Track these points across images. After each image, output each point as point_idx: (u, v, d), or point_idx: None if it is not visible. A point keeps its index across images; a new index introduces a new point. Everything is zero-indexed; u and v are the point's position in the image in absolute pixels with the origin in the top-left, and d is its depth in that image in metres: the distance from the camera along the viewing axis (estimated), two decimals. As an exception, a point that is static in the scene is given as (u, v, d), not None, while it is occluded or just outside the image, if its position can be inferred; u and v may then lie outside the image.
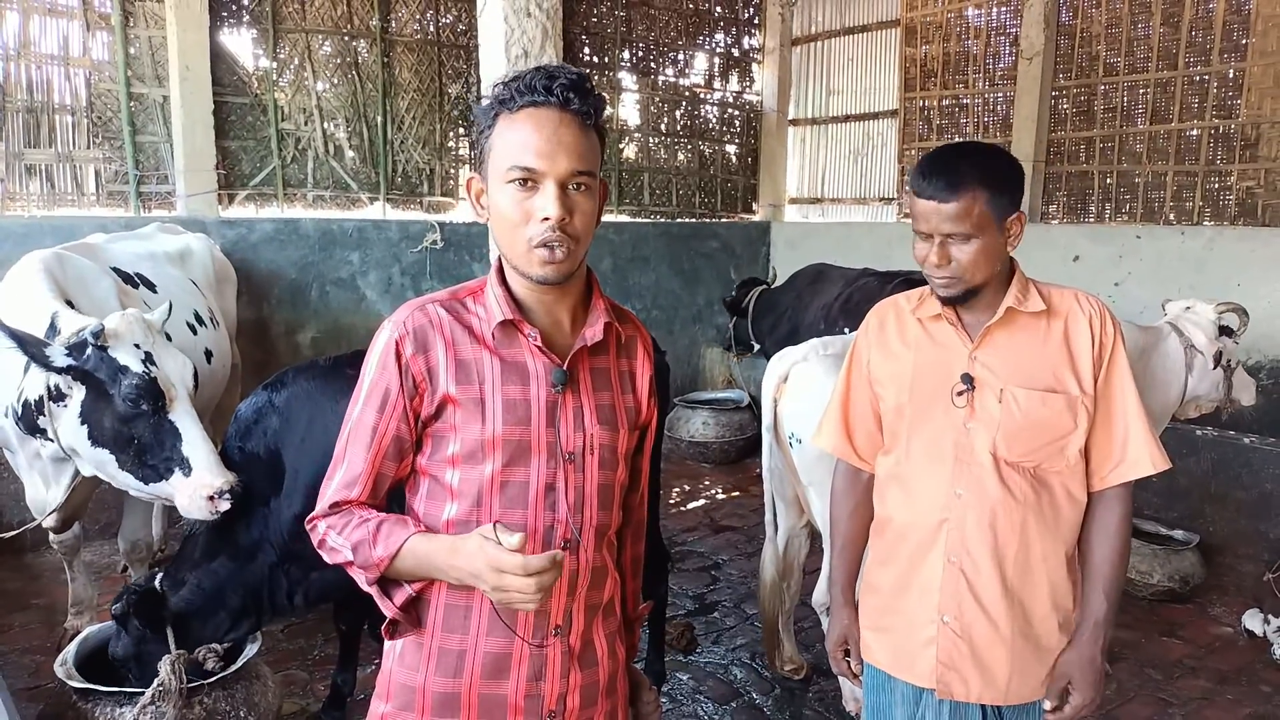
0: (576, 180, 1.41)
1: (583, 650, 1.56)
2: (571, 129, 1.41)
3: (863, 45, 8.56)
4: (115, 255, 4.11)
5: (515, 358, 1.49)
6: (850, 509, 2.16)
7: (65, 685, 2.65)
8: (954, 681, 1.91)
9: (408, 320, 1.49)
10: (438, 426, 1.49)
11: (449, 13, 7.04)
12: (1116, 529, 1.91)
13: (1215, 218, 6.28)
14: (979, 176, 1.78)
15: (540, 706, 1.51)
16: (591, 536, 1.53)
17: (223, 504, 2.69)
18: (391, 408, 1.48)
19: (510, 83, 1.44)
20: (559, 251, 1.40)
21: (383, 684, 1.58)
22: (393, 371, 1.47)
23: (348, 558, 1.45)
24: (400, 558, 1.42)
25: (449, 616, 1.50)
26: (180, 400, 2.82)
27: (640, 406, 1.63)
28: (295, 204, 6.56)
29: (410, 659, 1.53)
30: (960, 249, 1.80)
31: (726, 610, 4.55)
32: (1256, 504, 5.15)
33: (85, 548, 4.04)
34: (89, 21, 5.70)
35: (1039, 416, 1.85)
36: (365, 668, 3.70)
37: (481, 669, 1.49)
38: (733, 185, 9.04)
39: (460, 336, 1.49)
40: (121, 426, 2.77)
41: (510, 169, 1.40)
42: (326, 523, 1.50)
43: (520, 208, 1.41)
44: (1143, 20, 6.52)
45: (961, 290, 1.85)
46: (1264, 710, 3.72)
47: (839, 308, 5.64)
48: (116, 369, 2.74)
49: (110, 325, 2.79)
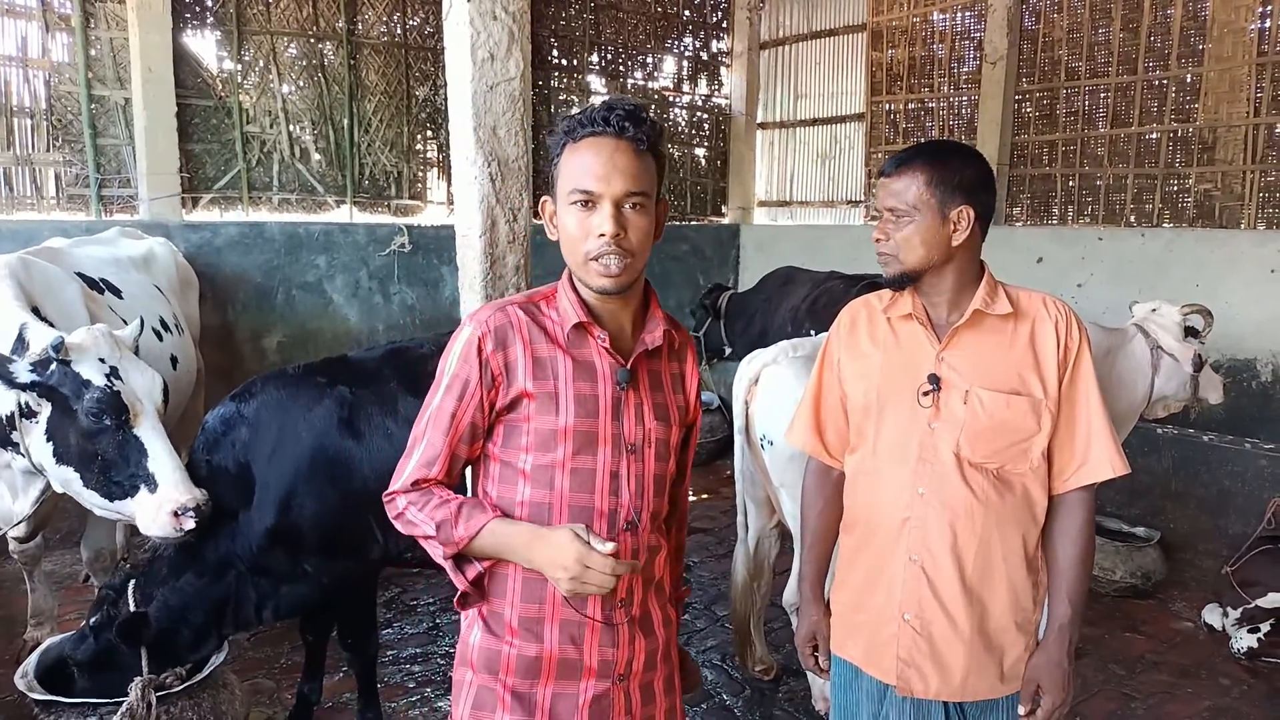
0: (631, 200, 1.58)
1: (642, 619, 1.74)
2: (626, 154, 1.58)
3: (830, 49, 8.62)
4: (79, 260, 4.04)
5: (585, 357, 1.66)
6: (820, 506, 2.18)
7: (26, 697, 2.60)
8: (913, 678, 1.93)
9: (490, 319, 1.65)
10: (511, 417, 1.65)
11: (416, 15, 7.00)
12: (1079, 533, 1.93)
13: (1174, 220, 6.39)
14: (925, 160, 1.87)
15: (610, 670, 1.69)
16: (648, 519, 1.71)
17: (188, 522, 2.61)
18: (470, 397, 1.63)
19: (576, 116, 1.63)
20: (614, 265, 1.58)
21: (465, 655, 1.72)
22: (473, 365, 1.63)
23: (429, 533, 1.59)
24: (479, 538, 1.57)
25: (528, 587, 1.65)
26: (146, 415, 2.76)
27: (689, 406, 1.82)
28: (260, 207, 6.50)
29: (495, 627, 1.68)
30: (896, 226, 1.88)
31: (697, 612, 4.56)
32: (1215, 500, 5.26)
33: (46, 557, 3.96)
34: (48, 22, 5.61)
35: (1003, 418, 1.87)
36: (332, 677, 3.67)
37: (559, 635, 1.66)
38: (702, 188, 9.06)
39: (537, 336, 1.66)
40: (85, 443, 2.70)
41: (572, 191, 1.59)
42: (407, 498, 1.63)
43: (581, 226, 1.59)
44: (1103, 25, 6.63)
45: (897, 272, 1.90)
46: (1223, 703, 3.79)
47: (806, 310, 5.68)
48: (80, 384, 2.68)
49: (73, 339, 2.73)
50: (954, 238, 1.86)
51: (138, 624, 2.66)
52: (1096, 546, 4.56)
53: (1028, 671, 1.94)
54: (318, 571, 2.89)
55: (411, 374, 2.97)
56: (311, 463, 2.81)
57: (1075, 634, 1.94)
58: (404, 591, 4.68)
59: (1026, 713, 1.93)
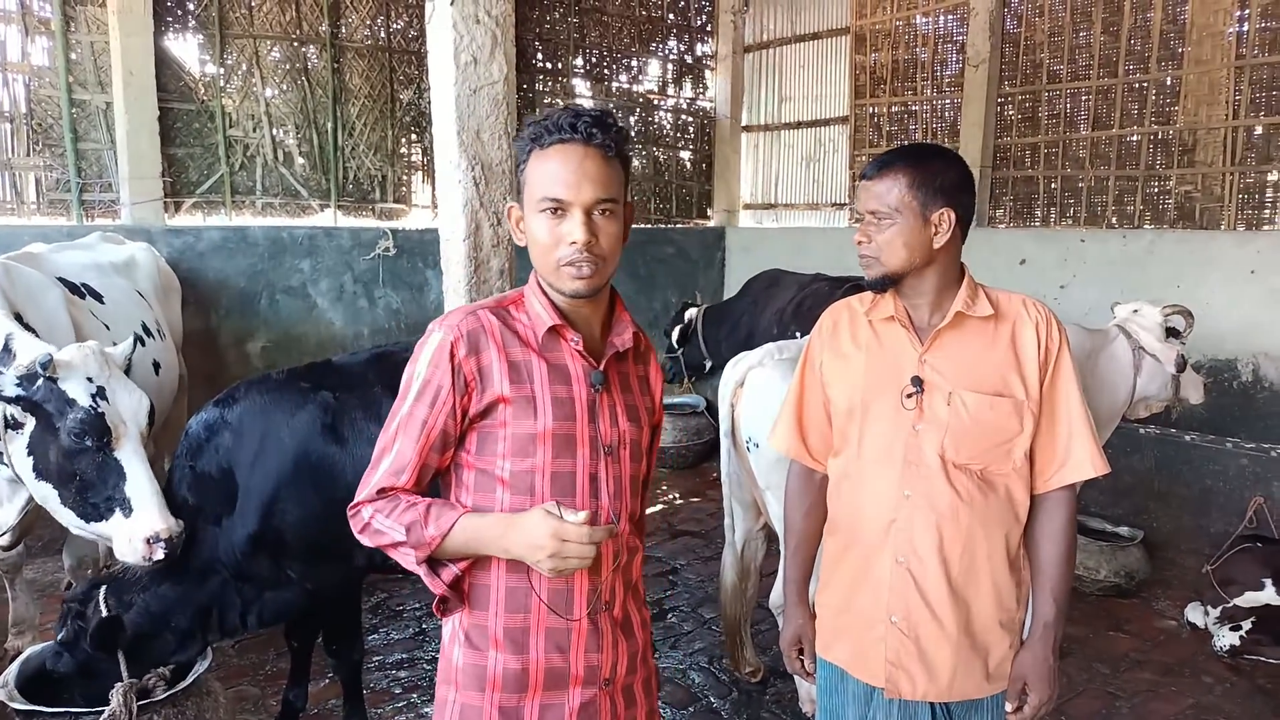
0: (601, 207, 1.57)
1: (624, 622, 1.73)
2: (595, 161, 1.57)
3: (814, 52, 8.66)
4: (60, 265, 4.01)
5: (558, 360, 1.65)
6: (804, 510, 2.18)
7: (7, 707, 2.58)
8: (901, 680, 1.93)
9: (461, 324, 1.63)
10: (485, 424, 1.62)
11: (399, 19, 6.99)
12: (1062, 531, 1.95)
13: (1155, 221, 6.45)
14: (906, 162, 1.88)
15: (597, 675, 1.67)
16: (626, 520, 1.71)
17: (158, 551, 2.59)
18: (442, 404, 1.60)
19: (541, 121, 1.60)
20: (586, 269, 1.57)
21: (448, 673, 1.68)
22: (445, 370, 1.60)
23: (397, 539, 1.55)
24: (451, 536, 1.54)
25: (511, 598, 1.63)
26: (129, 438, 2.72)
27: (654, 407, 1.83)
28: (244, 212, 6.47)
29: (478, 641, 1.64)
30: (878, 229, 1.88)
31: (684, 615, 4.56)
32: (1198, 500, 5.30)
33: (28, 565, 3.93)
34: (28, 26, 5.57)
35: (986, 420, 1.88)
36: (317, 683, 3.65)
37: (546, 644, 1.64)
38: (687, 191, 9.08)
39: (510, 340, 1.64)
40: (65, 461, 2.67)
41: (542, 199, 1.57)
42: (373, 507, 1.59)
43: (552, 233, 1.57)
44: (1084, 29, 6.68)
45: (879, 274, 1.91)
46: (1207, 700, 3.82)
47: (791, 312, 5.69)
48: (65, 402, 2.64)
49: (62, 356, 2.69)
50: (935, 240, 1.87)
51: (111, 629, 2.64)
52: (1080, 546, 4.64)
53: (1014, 669, 1.95)
54: (302, 577, 2.88)
55: (396, 379, 2.91)
56: (295, 468, 2.79)
57: (1060, 631, 1.96)
58: (390, 597, 4.66)
59: (1014, 710, 1.95)
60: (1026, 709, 1.93)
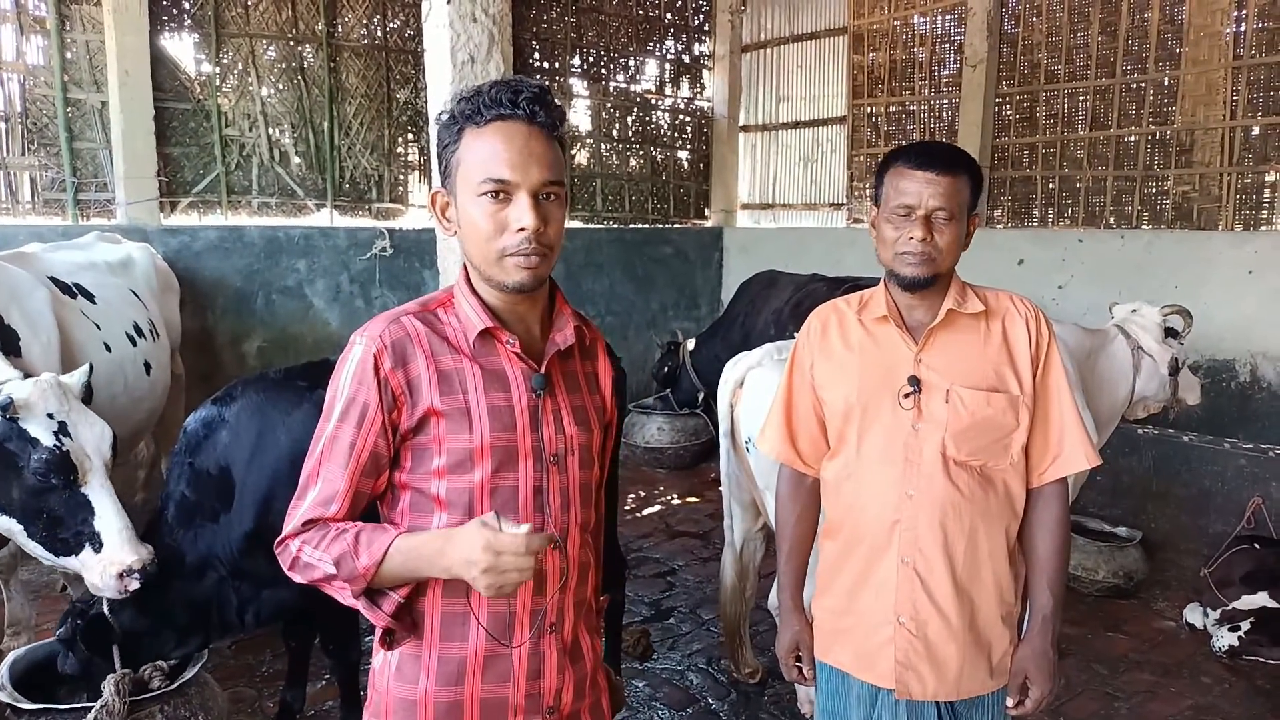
0: (547, 190, 1.43)
1: (573, 646, 1.60)
2: (540, 140, 1.43)
3: (811, 52, 8.65)
4: (53, 264, 4.00)
5: (494, 365, 1.51)
6: (796, 514, 2.16)
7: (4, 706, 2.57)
8: (911, 681, 1.93)
9: (384, 334, 1.47)
10: (418, 440, 1.48)
11: (396, 18, 6.98)
12: (1056, 524, 1.96)
13: (1153, 221, 6.45)
14: (968, 165, 1.88)
15: (539, 704, 1.54)
16: (577, 534, 1.57)
17: (133, 583, 2.56)
18: (370, 423, 1.46)
19: (473, 97, 1.44)
20: (534, 259, 1.43)
21: (379, 703, 1.54)
22: (370, 386, 1.45)
23: (328, 572, 1.41)
24: (387, 561, 1.40)
25: (447, 625, 1.50)
26: (95, 473, 2.67)
27: (605, 405, 1.67)
28: (240, 211, 6.45)
29: (409, 672, 1.51)
30: (942, 227, 1.85)
31: (683, 616, 4.55)
32: (1196, 500, 5.30)
33: (22, 565, 3.91)
34: (22, 25, 5.55)
35: (984, 416, 1.88)
36: (314, 684, 3.63)
37: (483, 674, 1.50)
38: (685, 191, 9.07)
39: (440, 347, 1.49)
40: (31, 499, 2.62)
41: (483, 181, 1.41)
42: (301, 539, 1.45)
43: (494, 220, 1.42)
44: (1082, 29, 6.68)
45: (932, 272, 1.87)
46: (1206, 701, 3.81)
47: (789, 312, 5.69)
48: (27, 441, 2.59)
49: (20, 396, 2.63)
50: (967, 242, 1.91)
51: (101, 626, 2.63)
52: (1079, 547, 4.64)
53: (1015, 663, 1.96)
54: (298, 576, 2.87)
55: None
56: (291, 466, 2.74)
57: (1058, 623, 1.97)
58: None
59: (1016, 703, 1.95)
60: (1028, 702, 1.94)
